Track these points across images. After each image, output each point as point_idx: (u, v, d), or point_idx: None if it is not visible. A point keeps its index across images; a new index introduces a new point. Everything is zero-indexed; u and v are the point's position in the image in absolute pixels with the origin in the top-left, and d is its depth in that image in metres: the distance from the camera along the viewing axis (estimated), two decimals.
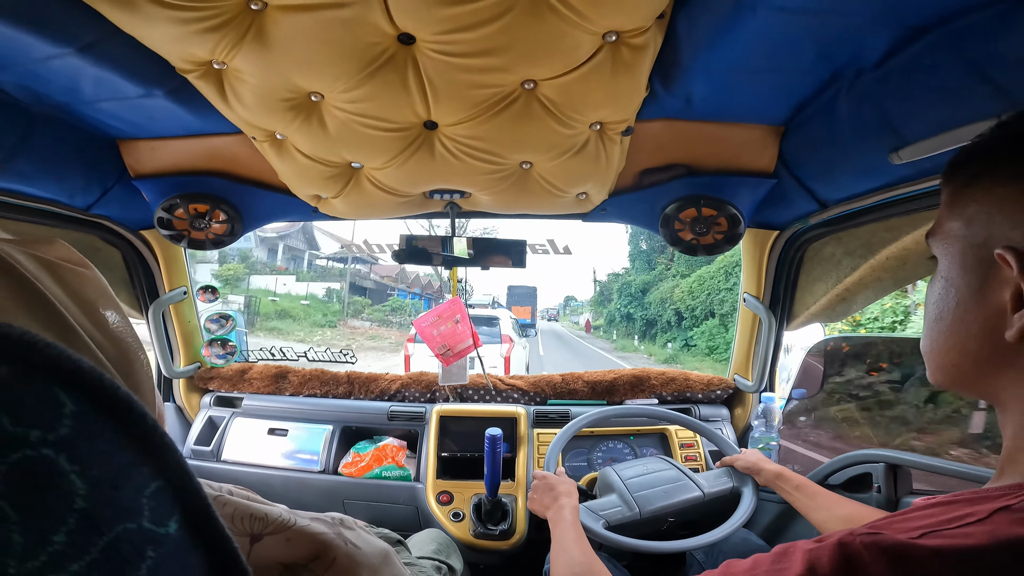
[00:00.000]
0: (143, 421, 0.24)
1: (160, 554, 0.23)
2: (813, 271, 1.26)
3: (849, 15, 0.64)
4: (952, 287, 0.40)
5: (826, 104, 0.84)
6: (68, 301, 0.37)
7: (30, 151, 0.93)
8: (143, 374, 0.41)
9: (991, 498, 0.33)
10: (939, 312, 0.41)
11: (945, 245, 0.41)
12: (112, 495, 0.22)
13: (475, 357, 1.54)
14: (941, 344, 0.41)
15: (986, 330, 0.37)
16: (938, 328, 0.41)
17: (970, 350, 0.39)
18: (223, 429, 1.51)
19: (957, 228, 0.40)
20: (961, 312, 0.39)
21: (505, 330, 7.52)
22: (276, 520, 0.42)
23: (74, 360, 0.22)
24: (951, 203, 0.41)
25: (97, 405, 0.22)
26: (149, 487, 0.24)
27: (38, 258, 0.37)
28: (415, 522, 1.36)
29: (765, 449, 1.35)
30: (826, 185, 1.01)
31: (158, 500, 0.24)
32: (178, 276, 1.48)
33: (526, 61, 0.73)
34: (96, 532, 0.21)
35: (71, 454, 0.21)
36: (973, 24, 0.59)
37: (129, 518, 0.23)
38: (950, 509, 0.34)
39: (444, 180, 1.10)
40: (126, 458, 0.23)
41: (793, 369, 1.58)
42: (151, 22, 0.66)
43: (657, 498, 1.05)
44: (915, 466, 0.99)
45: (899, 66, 0.69)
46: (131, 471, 0.23)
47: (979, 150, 0.40)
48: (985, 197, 0.38)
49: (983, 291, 0.37)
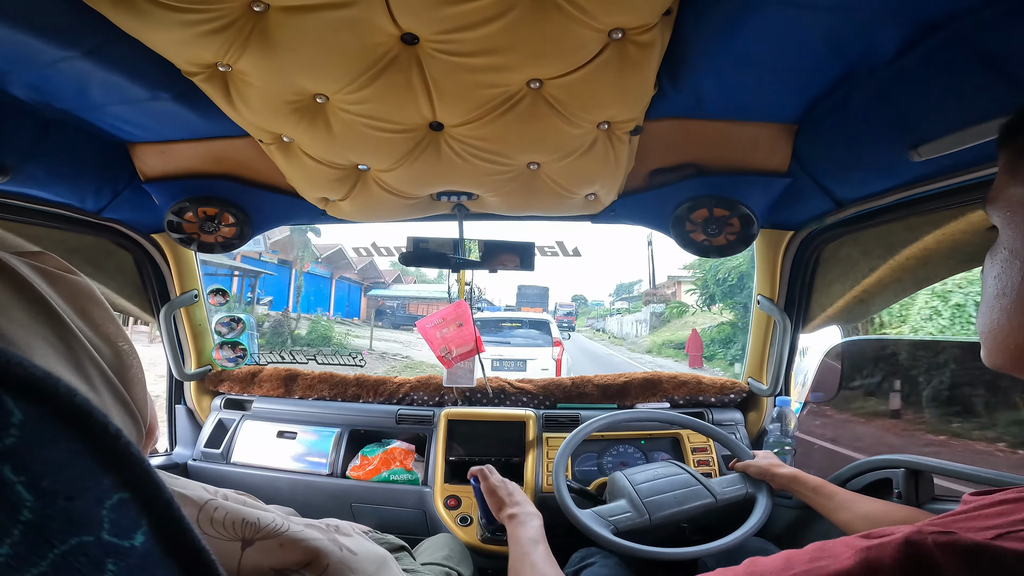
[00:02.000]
0: (104, 431, 0.23)
1: (122, 567, 0.22)
2: (829, 272, 1.23)
3: (858, 11, 0.63)
4: (1017, 259, 0.36)
5: (840, 101, 0.81)
6: (64, 304, 0.38)
7: (42, 155, 0.95)
8: (136, 377, 0.41)
9: None
10: (1001, 287, 0.37)
11: (1009, 214, 0.38)
12: (65, 506, 0.21)
13: (480, 363, 1.52)
14: (1004, 323, 0.37)
15: None
16: (1000, 305, 0.37)
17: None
18: (233, 431, 1.52)
19: (1022, 195, 0.36)
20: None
21: (555, 333, 7.66)
22: (268, 526, 0.41)
23: (25, 367, 0.21)
24: (1012, 167, 0.38)
25: (49, 414, 0.22)
26: (111, 498, 0.23)
27: (33, 265, 0.38)
28: (423, 526, 1.36)
29: (780, 453, 1.32)
30: (842, 184, 0.99)
31: (121, 511, 0.23)
32: (189, 279, 1.49)
33: (531, 60, 0.72)
34: (44, 544, 0.20)
35: (16, 464, 0.20)
36: (985, 20, 0.57)
37: (85, 530, 0.22)
38: (1018, 508, 0.32)
39: (451, 182, 1.09)
40: (83, 468, 0.22)
41: (809, 372, 1.55)
42: (155, 25, 0.66)
43: (668, 504, 1.02)
44: (937, 471, 0.96)
45: (913, 63, 0.67)
46: (88, 482, 0.22)
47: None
48: None
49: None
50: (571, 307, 32.35)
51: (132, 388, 0.41)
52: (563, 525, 1.11)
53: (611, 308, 34.89)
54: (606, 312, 35.01)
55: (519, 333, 7.84)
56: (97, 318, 0.40)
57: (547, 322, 7.98)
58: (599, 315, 36.34)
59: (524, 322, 8.07)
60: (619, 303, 35.68)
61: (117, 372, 0.40)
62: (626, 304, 32.65)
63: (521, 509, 0.91)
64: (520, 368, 7.07)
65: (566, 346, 7.95)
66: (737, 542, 0.97)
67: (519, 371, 6.98)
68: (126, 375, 0.41)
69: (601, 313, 36.48)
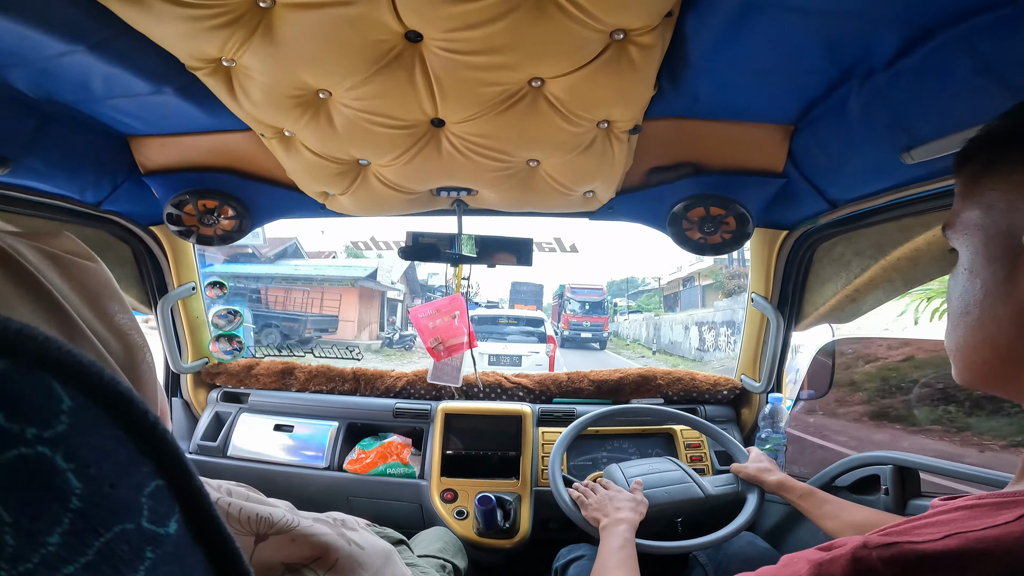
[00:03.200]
0: (144, 417, 0.23)
1: (159, 555, 0.23)
2: (822, 271, 1.25)
3: (858, 15, 0.64)
4: (977, 278, 0.38)
5: (837, 103, 0.83)
6: (72, 294, 0.37)
7: (42, 147, 0.94)
8: (147, 370, 0.41)
9: (1019, 503, 0.32)
10: (964, 306, 0.39)
11: (966, 236, 0.39)
12: (110, 494, 0.21)
13: (472, 358, 1.53)
14: (969, 340, 0.39)
15: (1018, 323, 0.35)
16: (965, 323, 0.39)
17: (1001, 346, 0.36)
18: (229, 425, 1.52)
19: (977, 217, 0.38)
20: (990, 304, 0.37)
21: (549, 331, 8.15)
22: (280, 521, 0.42)
23: (73, 355, 0.21)
24: (967, 192, 0.40)
25: (96, 401, 0.22)
26: (148, 486, 0.23)
27: (42, 250, 0.37)
28: (419, 519, 1.37)
29: (771, 450, 1.34)
30: (836, 185, 1.00)
31: (157, 499, 0.23)
32: (187, 271, 1.49)
33: (533, 59, 0.73)
34: (92, 533, 0.20)
35: (68, 452, 0.20)
36: (984, 24, 0.58)
37: (127, 518, 0.22)
38: (975, 513, 0.33)
39: (451, 177, 1.10)
40: (125, 456, 0.23)
41: (801, 370, 1.57)
42: (161, 19, 0.66)
43: (659, 497, 1.04)
44: (925, 468, 0.98)
45: (910, 66, 0.68)
46: (130, 469, 0.23)
47: (991, 137, 0.38)
48: (1003, 184, 0.37)
49: (1012, 280, 0.35)
50: (598, 292, 16.50)
51: (142, 385, 0.40)
52: (558, 519, 1.13)
53: (628, 305, 28.19)
54: (622, 309, 27.72)
55: (514, 330, 8.22)
56: (110, 309, 0.39)
57: (541, 320, 8.45)
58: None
59: (520, 320, 8.52)
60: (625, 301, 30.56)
61: (127, 368, 0.39)
62: (631, 302, 28.88)
63: (610, 519, 0.93)
64: (516, 363, 7.49)
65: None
66: (727, 537, 0.99)
67: (515, 366, 7.40)
68: (136, 371, 0.40)
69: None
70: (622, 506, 0.96)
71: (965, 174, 0.40)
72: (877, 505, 1.04)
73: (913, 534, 0.33)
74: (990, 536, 0.30)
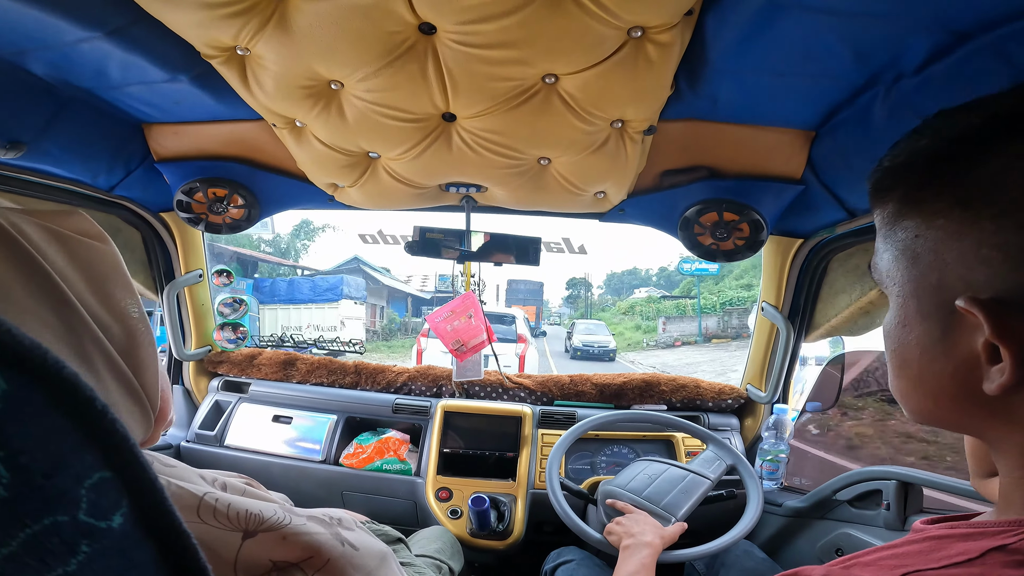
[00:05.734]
0: (90, 404, 0.22)
1: (96, 548, 0.22)
2: (836, 282, 1.22)
3: (889, 18, 0.61)
4: (912, 333, 0.34)
5: (861, 109, 0.80)
6: (75, 275, 0.37)
7: (57, 132, 0.95)
8: (148, 356, 0.40)
9: (988, 534, 0.30)
10: (904, 359, 0.36)
11: (892, 284, 0.35)
12: (42, 484, 0.20)
13: (490, 354, 1.52)
14: (911, 391, 0.36)
15: (958, 381, 0.32)
16: (905, 375, 0.36)
17: (944, 397, 0.34)
18: (228, 414, 1.52)
19: (904, 266, 0.34)
20: (927, 362, 0.34)
21: (520, 329, 7.64)
22: (271, 519, 0.41)
23: (13, 334, 0.20)
24: (888, 234, 0.35)
25: (36, 385, 0.20)
26: (91, 477, 0.22)
27: (48, 229, 0.37)
28: (413, 517, 1.36)
29: (773, 461, 1.32)
30: (857, 193, 0.98)
31: (101, 492, 0.22)
32: (194, 259, 1.50)
33: (547, 54, 0.72)
34: (17, 524, 0.19)
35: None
36: (1018, 30, 0.56)
37: (61, 510, 0.21)
38: (943, 544, 0.31)
39: (460, 173, 1.09)
40: (65, 445, 0.21)
41: (809, 382, 1.54)
42: (178, 6, 0.67)
43: (681, 500, 1.03)
44: (928, 484, 0.96)
45: (940, 72, 0.66)
46: (70, 459, 0.21)
47: (904, 172, 0.34)
48: (928, 231, 0.32)
49: (948, 341, 0.32)
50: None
51: (142, 372, 0.40)
52: (553, 522, 1.12)
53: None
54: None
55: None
56: (114, 292, 0.39)
57: (512, 316, 7.93)
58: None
59: (491, 316, 8.02)
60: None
61: (126, 354, 0.39)
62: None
63: (634, 541, 0.90)
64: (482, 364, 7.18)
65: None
66: (725, 546, 0.97)
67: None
68: (136, 357, 0.39)
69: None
70: (643, 529, 0.93)
71: (883, 212, 0.35)
72: (877, 520, 1.02)
73: (877, 565, 0.32)
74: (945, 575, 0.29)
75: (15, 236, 0.34)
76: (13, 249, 0.33)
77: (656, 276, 46.70)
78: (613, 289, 47.60)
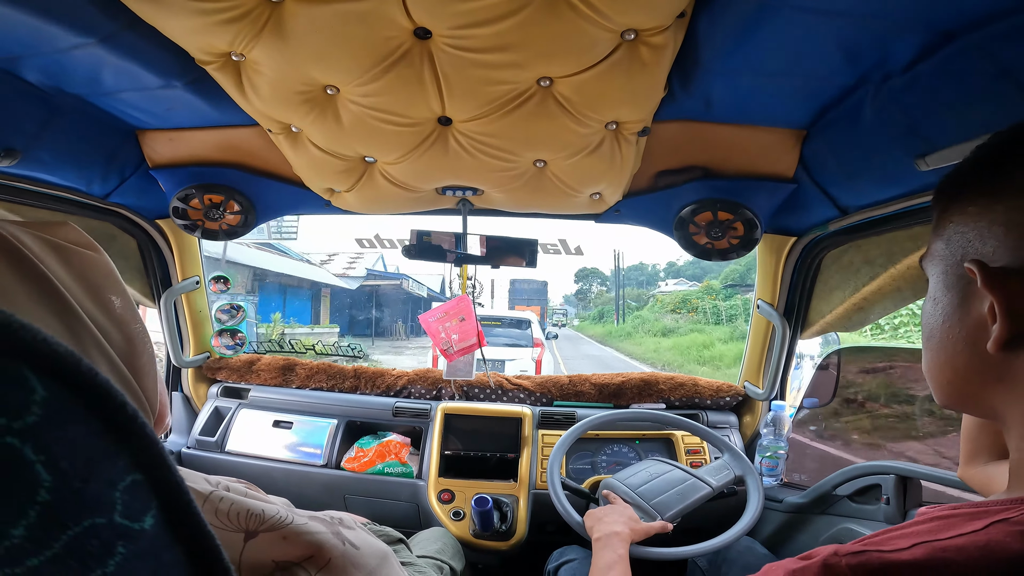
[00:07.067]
0: (122, 410, 0.23)
1: (132, 550, 0.22)
2: (830, 279, 1.24)
3: (878, 18, 0.63)
4: (939, 305, 0.41)
5: (851, 108, 0.82)
6: (73, 284, 0.37)
7: (50, 139, 0.94)
8: (147, 362, 0.41)
9: (992, 512, 0.33)
10: (930, 331, 0.42)
11: (932, 266, 0.43)
12: (81, 488, 0.21)
13: (480, 358, 1.53)
14: (934, 362, 0.42)
15: (970, 344, 0.38)
16: (930, 347, 0.42)
17: (959, 366, 0.39)
18: (228, 420, 1.52)
19: (940, 248, 0.41)
20: (947, 328, 0.40)
21: (536, 333, 7.41)
22: (272, 518, 0.41)
23: (49, 344, 0.21)
24: (936, 226, 0.43)
25: (72, 392, 0.21)
26: (124, 480, 0.23)
27: (45, 240, 0.37)
28: (415, 519, 1.36)
29: (772, 457, 1.33)
30: (848, 191, 0.99)
31: (133, 494, 0.23)
32: (191, 265, 1.50)
33: (542, 58, 0.72)
34: (59, 527, 0.20)
35: (38, 443, 0.20)
36: (1005, 30, 0.57)
37: (98, 512, 0.21)
38: (948, 523, 0.34)
39: (457, 176, 1.09)
40: (100, 449, 0.22)
41: (806, 378, 1.55)
42: (172, 12, 0.67)
43: (674, 502, 1.03)
44: (927, 478, 0.97)
45: (928, 71, 0.67)
46: (104, 463, 0.22)
47: (959, 173, 0.41)
48: (960, 217, 0.39)
49: (964, 306, 0.38)
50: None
51: (142, 377, 0.40)
52: (555, 522, 1.12)
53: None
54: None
55: (498, 332, 7.48)
56: (111, 300, 0.39)
57: (528, 321, 7.73)
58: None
59: (504, 321, 7.78)
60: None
61: (127, 359, 0.39)
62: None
63: (602, 530, 0.91)
64: (499, 369, 6.71)
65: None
66: (726, 543, 0.98)
67: (498, 371, 6.82)
68: (136, 362, 0.40)
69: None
70: (614, 519, 0.94)
71: (937, 209, 0.43)
72: (877, 515, 1.03)
73: (884, 543, 0.34)
74: (954, 545, 0.31)
75: (17, 245, 0.34)
76: (17, 257, 0.34)
77: (664, 271, 46.09)
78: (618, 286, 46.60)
